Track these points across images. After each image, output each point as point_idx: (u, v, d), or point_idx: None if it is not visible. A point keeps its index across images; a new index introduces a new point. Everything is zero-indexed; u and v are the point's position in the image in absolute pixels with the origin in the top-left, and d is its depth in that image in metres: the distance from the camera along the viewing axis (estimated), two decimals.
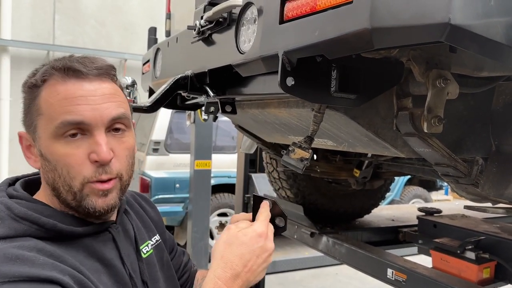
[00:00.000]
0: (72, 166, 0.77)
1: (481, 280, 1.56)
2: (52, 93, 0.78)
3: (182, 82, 1.28)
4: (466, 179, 1.13)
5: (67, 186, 0.78)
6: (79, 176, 0.77)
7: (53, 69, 0.79)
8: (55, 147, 0.77)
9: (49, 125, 0.77)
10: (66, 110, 0.76)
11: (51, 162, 0.78)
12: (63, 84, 0.78)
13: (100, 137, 0.78)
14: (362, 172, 2.18)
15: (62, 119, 0.76)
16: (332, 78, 0.89)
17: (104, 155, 0.77)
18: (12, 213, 0.76)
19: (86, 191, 0.78)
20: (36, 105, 0.79)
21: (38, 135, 0.79)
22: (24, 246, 0.71)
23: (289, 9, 0.81)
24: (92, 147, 0.78)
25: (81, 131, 0.77)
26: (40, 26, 7.02)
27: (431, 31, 0.61)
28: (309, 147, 1.11)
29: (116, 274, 0.81)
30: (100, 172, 0.78)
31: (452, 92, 0.92)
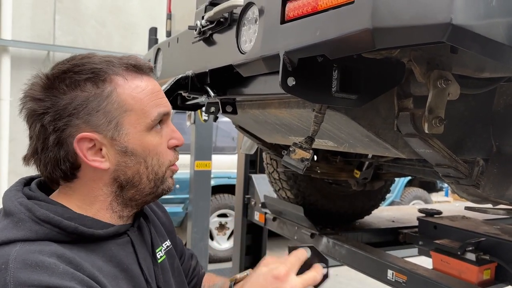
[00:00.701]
0: (161, 153, 0.84)
1: (482, 281, 1.56)
2: (136, 89, 0.81)
3: (183, 82, 1.28)
4: (467, 180, 1.12)
5: (152, 174, 0.83)
6: (166, 161, 0.85)
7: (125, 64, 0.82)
8: (148, 139, 0.82)
9: (143, 120, 0.81)
10: (156, 103, 0.83)
11: (140, 155, 0.81)
12: (141, 79, 0.83)
13: (172, 125, 0.88)
14: (362, 173, 2.18)
15: (157, 111, 0.82)
16: (333, 79, 0.89)
17: (182, 139, 0.89)
18: (33, 215, 0.74)
19: (167, 174, 0.87)
20: (116, 102, 0.78)
21: (124, 131, 0.79)
22: (44, 251, 0.70)
23: (290, 9, 0.81)
24: (169, 134, 0.86)
25: (160, 122, 0.84)
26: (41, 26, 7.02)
27: (433, 31, 0.61)
28: (310, 148, 1.11)
29: (134, 279, 0.81)
30: (176, 155, 0.89)
31: (453, 93, 0.92)
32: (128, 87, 0.80)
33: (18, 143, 6.80)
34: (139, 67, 0.84)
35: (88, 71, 0.77)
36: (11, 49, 6.73)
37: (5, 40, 6.59)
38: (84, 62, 0.79)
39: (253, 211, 2.75)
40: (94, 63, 0.79)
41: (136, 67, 0.83)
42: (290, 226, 2.29)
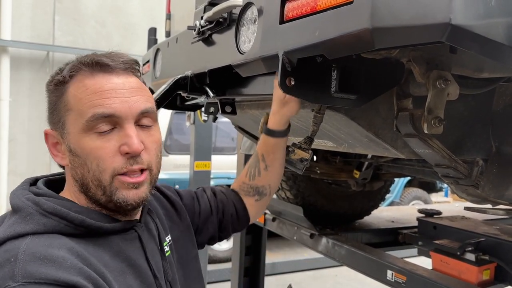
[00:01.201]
0: (102, 159, 0.77)
1: (481, 282, 1.56)
2: (81, 88, 0.79)
3: (182, 82, 1.28)
4: (466, 180, 1.12)
5: (96, 181, 0.78)
6: (109, 168, 0.78)
7: (81, 64, 0.80)
8: (86, 141, 0.77)
9: (79, 120, 0.77)
10: (96, 103, 0.77)
11: (81, 157, 0.78)
12: (91, 78, 0.79)
13: (130, 130, 0.79)
14: (362, 173, 2.18)
15: (92, 112, 0.77)
16: (332, 79, 0.88)
17: (136, 146, 0.78)
18: (40, 208, 0.75)
19: (116, 184, 0.79)
20: (63, 101, 0.80)
21: (67, 130, 0.79)
22: (53, 244, 0.71)
23: (289, 9, 0.81)
24: (122, 139, 0.78)
25: (111, 124, 0.78)
26: (40, 26, 7.02)
27: (432, 31, 0.61)
28: (309, 148, 1.10)
29: (141, 274, 0.81)
30: (130, 163, 0.79)
31: (453, 93, 0.92)
32: (76, 86, 0.79)
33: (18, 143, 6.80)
34: (96, 65, 0.80)
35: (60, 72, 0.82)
36: (10, 49, 6.72)
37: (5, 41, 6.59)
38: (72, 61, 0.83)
39: None
40: (68, 64, 0.82)
41: (93, 65, 0.80)
42: (289, 226, 2.28)
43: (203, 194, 1.15)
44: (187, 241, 1.04)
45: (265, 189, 1.17)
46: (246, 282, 2.88)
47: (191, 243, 1.05)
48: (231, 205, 1.16)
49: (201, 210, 1.11)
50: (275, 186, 1.20)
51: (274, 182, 1.19)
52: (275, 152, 1.14)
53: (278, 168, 1.17)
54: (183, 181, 4.64)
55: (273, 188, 1.19)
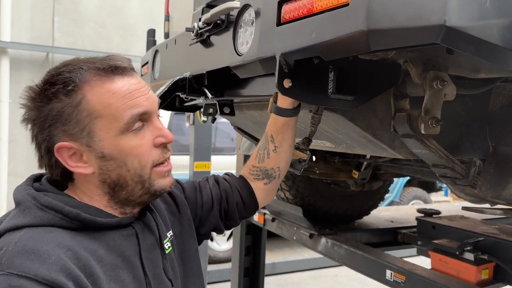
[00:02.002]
0: (143, 155, 0.82)
1: (480, 281, 1.56)
2: (105, 94, 0.80)
3: (181, 83, 1.28)
4: (464, 180, 1.13)
5: (137, 177, 0.83)
6: (149, 162, 0.83)
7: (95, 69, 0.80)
8: (124, 142, 0.81)
9: (115, 124, 0.80)
10: (129, 105, 0.80)
11: (119, 159, 0.81)
12: (111, 82, 0.80)
13: (158, 122, 0.85)
14: (360, 173, 2.18)
15: (130, 114, 0.80)
16: (329, 80, 0.89)
17: (170, 135, 0.85)
18: (38, 202, 0.78)
19: (154, 176, 0.85)
20: (85, 110, 0.79)
21: (97, 138, 0.80)
22: (44, 238, 0.73)
23: (286, 11, 0.81)
24: (155, 132, 0.84)
25: (141, 122, 0.83)
26: (40, 28, 7.02)
27: (427, 33, 0.62)
28: (307, 149, 1.11)
29: (134, 270, 0.83)
30: (164, 152, 0.86)
31: (449, 93, 0.93)
32: (96, 93, 0.79)
33: (17, 144, 6.80)
34: (111, 69, 0.81)
35: (60, 81, 0.79)
36: (10, 50, 6.72)
37: (4, 42, 6.59)
38: (60, 71, 0.80)
39: None
40: (67, 72, 0.80)
41: (107, 70, 0.81)
42: (289, 226, 2.29)
43: (206, 185, 1.14)
44: (188, 235, 1.04)
45: (274, 172, 1.14)
46: (246, 282, 2.88)
47: (192, 237, 1.06)
48: (235, 193, 1.14)
49: (203, 201, 1.10)
50: (284, 169, 1.16)
51: (283, 164, 1.15)
52: (284, 132, 1.10)
53: (287, 149, 1.12)
54: None
55: (282, 171, 1.16)
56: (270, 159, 1.12)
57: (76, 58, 0.84)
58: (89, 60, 0.83)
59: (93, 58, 0.84)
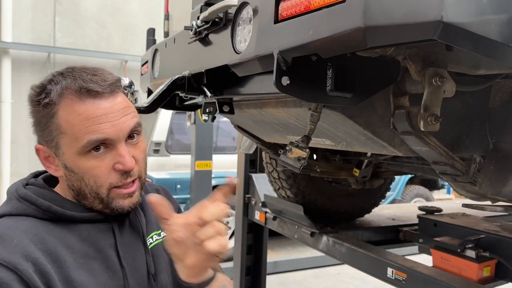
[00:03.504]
0: (99, 176, 0.85)
1: (482, 278, 1.56)
2: (72, 114, 0.83)
3: (180, 82, 1.28)
4: (464, 177, 1.12)
5: (94, 193, 0.86)
6: (105, 183, 0.86)
7: (68, 89, 0.84)
8: (82, 162, 0.84)
9: (74, 144, 0.83)
10: (89, 130, 0.82)
11: (78, 174, 0.85)
12: (81, 104, 0.83)
13: (122, 149, 0.86)
14: (361, 171, 2.18)
15: (88, 139, 0.82)
16: (328, 77, 0.89)
17: (129, 164, 0.85)
18: (17, 194, 0.87)
19: (113, 195, 0.87)
20: (55, 123, 0.84)
21: (61, 151, 0.85)
22: (15, 225, 0.82)
23: (283, 9, 0.81)
24: (116, 158, 0.85)
25: (104, 145, 0.85)
26: (41, 28, 7.03)
27: (424, 29, 0.61)
28: (306, 147, 1.11)
29: (107, 261, 0.86)
30: (125, 177, 0.87)
31: (449, 90, 0.92)
32: (66, 111, 0.83)
33: (20, 145, 6.82)
34: (85, 92, 0.83)
35: (46, 90, 0.85)
36: (11, 51, 6.73)
37: (6, 43, 6.60)
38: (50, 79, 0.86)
39: (254, 210, 2.75)
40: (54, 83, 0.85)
41: (82, 91, 0.83)
42: (290, 225, 2.29)
43: None
44: None
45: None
46: (248, 281, 2.88)
47: None
48: None
49: None
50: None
51: None
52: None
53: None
54: (184, 181, 4.65)
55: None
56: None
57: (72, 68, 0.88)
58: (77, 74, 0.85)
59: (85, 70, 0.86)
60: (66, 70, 0.88)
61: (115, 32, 7.58)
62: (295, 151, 1.10)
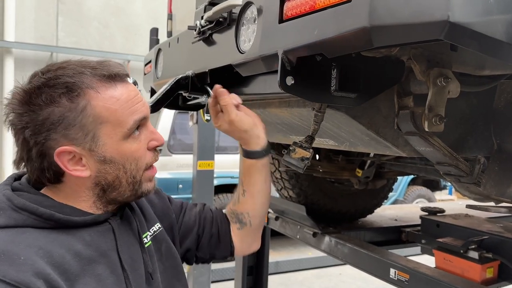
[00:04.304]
0: (140, 157, 0.87)
1: (485, 279, 1.55)
2: (109, 100, 0.82)
3: (183, 82, 1.28)
4: (468, 178, 1.12)
5: (131, 178, 0.87)
6: (143, 165, 0.88)
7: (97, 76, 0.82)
8: (126, 147, 0.85)
9: (119, 129, 0.83)
10: (131, 111, 0.84)
11: (119, 162, 0.85)
12: (115, 89, 0.83)
13: (151, 126, 0.90)
14: (364, 171, 2.18)
15: (133, 119, 0.84)
16: (332, 77, 0.88)
17: (162, 138, 0.91)
18: (12, 204, 0.79)
19: (144, 179, 0.89)
20: (90, 115, 0.80)
21: (101, 142, 0.82)
22: (16, 239, 0.75)
23: (288, 8, 0.81)
24: (149, 136, 0.89)
25: (138, 126, 0.86)
26: (44, 28, 7.05)
27: (430, 29, 0.61)
28: (310, 147, 1.10)
29: (112, 265, 0.85)
30: (155, 155, 0.91)
31: (453, 90, 0.92)
32: (102, 99, 0.81)
33: None
34: (113, 76, 0.84)
35: (62, 85, 0.79)
36: (14, 50, 6.76)
37: (9, 42, 6.63)
38: (58, 75, 0.80)
39: None
40: (68, 76, 0.79)
41: (110, 77, 0.83)
42: (292, 225, 2.29)
43: (192, 208, 1.15)
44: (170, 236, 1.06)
45: (244, 218, 1.11)
46: (250, 281, 2.88)
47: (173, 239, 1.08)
48: (214, 225, 1.13)
49: (183, 221, 1.11)
50: (255, 216, 1.11)
51: (253, 210, 1.11)
52: (252, 176, 1.08)
53: (256, 194, 1.09)
54: (187, 181, 4.65)
55: (253, 218, 1.11)
56: (240, 203, 1.12)
57: (68, 61, 0.84)
58: (83, 64, 0.83)
59: (86, 61, 0.84)
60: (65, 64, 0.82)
61: (118, 32, 7.59)
62: (299, 151, 1.09)
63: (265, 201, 1.13)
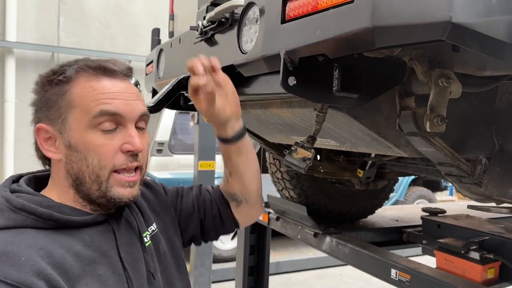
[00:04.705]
0: (104, 155, 0.83)
1: (486, 280, 1.55)
2: (87, 88, 0.84)
3: (185, 82, 1.28)
4: (469, 178, 1.12)
5: (94, 176, 0.83)
6: (109, 165, 0.83)
7: (87, 67, 0.85)
8: (90, 137, 0.83)
9: (85, 116, 0.82)
10: (103, 102, 0.83)
11: (81, 152, 0.83)
12: (97, 81, 0.84)
13: (132, 130, 0.86)
14: (365, 172, 2.18)
15: (100, 109, 0.82)
16: (334, 78, 0.89)
17: (138, 145, 0.85)
18: (11, 205, 0.80)
19: (112, 182, 0.84)
20: (66, 99, 0.84)
21: (68, 127, 0.83)
22: (16, 240, 0.75)
23: (290, 9, 0.81)
24: (125, 138, 0.85)
25: (114, 124, 0.84)
26: (45, 28, 7.06)
27: (432, 29, 0.61)
28: (312, 147, 1.11)
29: (113, 264, 0.84)
30: (130, 160, 0.85)
31: (455, 91, 0.92)
32: (81, 87, 0.84)
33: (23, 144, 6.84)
34: (103, 69, 0.85)
35: (59, 73, 0.85)
36: (16, 51, 6.76)
37: (10, 42, 6.64)
38: (63, 64, 0.87)
39: None
40: (69, 66, 0.86)
41: (100, 69, 0.85)
42: (293, 225, 2.29)
43: (188, 193, 1.14)
44: (172, 232, 1.06)
45: (238, 196, 1.11)
46: (251, 281, 2.88)
47: (175, 234, 1.07)
48: (214, 206, 1.13)
49: (182, 208, 1.11)
50: (248, 193, 1.11)
51: (244, 189, 1.11)
52: (231, 159, 1.07)
53: (241, 174, 1.09)
54: (188, 181, 4.65)
55: (247, 195, 1.11)
56: (229, 184, 1.12)
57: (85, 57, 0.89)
58: (89, 59, 0.88)
59: (98, 59, 0.88)
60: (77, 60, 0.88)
61: (119, 32, 7.60)
62: (301, 152, 1.10)
63: (253, 177, 1.11)
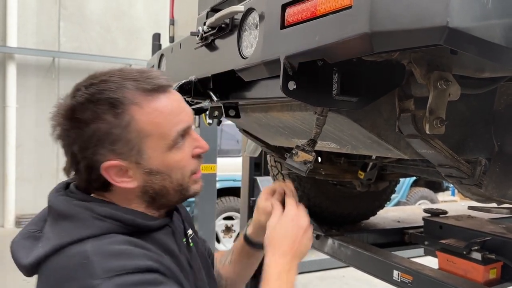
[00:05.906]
0: (185, 166, 0.88)
1: (488, 280, 1.56)
2: (153, 113, 0.83)
3: (186, 87, 1.29)
4: (470, 179, 1.13)
5: (178, 187, 0.89)
6: (188, 172, 0.89)
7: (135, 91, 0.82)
8: (170, 157, 0.86)
9: (162, 142, 0.84)
10: (174, 122, 0.85)
11: (165, 173, 0.86)
12: (157, 101, 0.84)
13: (195, 134, 0.92)
14: (366, 174, 2.18)
15: (176, 131, 0.85)
16: (334, 82, 0.89)
17: (206, 145, 0.93)
18: (94, 213, 0.81)
19: (191, 182, 0.91)
20: (134, 130, 0.81)
21: (146, 156, 0.83)
22: (115, 241, 0.78)
23: (290, 14, 0.82)
24: (193, 143, 0.90)
25: (182, 135, 0.87)
26: (46, 33, 7.09)
27: (430, 34, 0.62)
28: (312, 150, 1.11)
29: (180, 264, 0.88)
30: (200, 161, 0.93)
31: (454, 93, 0.93)
32: (145, 113, 0.82)
33: (25, 149, 6.86)
34: (156, 88, 0.84)
35: (105, 101, 0.80)
36: (16, 56, 6.79)
37: (11, 48, 6.66)
38: (101, 89, 0.81)
39: None
40: (111, 91, 0.81)
41: (153, 90, 0.83)
42: None
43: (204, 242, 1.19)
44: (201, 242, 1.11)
45: (222, 280, 1.17)
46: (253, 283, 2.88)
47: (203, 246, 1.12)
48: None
49: None
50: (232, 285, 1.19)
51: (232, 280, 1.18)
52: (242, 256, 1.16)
53: (239, 270, 1.18)
54: None
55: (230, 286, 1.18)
56: (224, 267, 1.18)
57: (110, 71, 0.85)
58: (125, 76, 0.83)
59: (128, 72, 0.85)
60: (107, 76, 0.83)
61: (119, 36, 7.62)
62: (301, 155, 1.10)
63: (245, 279, 1.20)
